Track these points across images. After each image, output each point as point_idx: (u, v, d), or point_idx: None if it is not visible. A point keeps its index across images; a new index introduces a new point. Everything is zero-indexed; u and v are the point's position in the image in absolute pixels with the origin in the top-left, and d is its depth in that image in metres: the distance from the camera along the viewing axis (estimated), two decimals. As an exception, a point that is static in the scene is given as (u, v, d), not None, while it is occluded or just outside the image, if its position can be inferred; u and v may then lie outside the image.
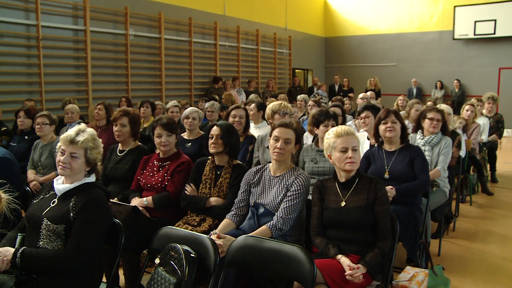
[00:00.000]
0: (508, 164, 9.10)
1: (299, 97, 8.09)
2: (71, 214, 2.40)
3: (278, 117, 4.62)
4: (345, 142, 2.79)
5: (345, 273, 2.49)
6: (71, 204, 2.43)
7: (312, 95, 9.94)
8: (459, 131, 5.50)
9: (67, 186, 2.52)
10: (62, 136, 2.56)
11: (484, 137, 6.91)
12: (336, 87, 14.38)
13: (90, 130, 2.64)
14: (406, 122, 4.60)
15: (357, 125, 5.76)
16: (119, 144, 4.12)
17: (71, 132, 2.56)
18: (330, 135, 2.87)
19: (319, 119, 4.05)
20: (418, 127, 4.59)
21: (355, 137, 2.85)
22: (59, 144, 2.58)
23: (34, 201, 2.60)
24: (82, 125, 2.65)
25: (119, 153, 4.04)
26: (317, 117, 4.09)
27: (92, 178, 2.60)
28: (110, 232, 2.57)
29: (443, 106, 5.34)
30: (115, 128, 4.02)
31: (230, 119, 4.69)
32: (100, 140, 2.68)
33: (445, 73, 14.92)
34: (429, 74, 15.15)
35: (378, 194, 2.76)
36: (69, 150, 2.51)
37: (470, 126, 6.48)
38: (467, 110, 6.52)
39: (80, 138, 2.53)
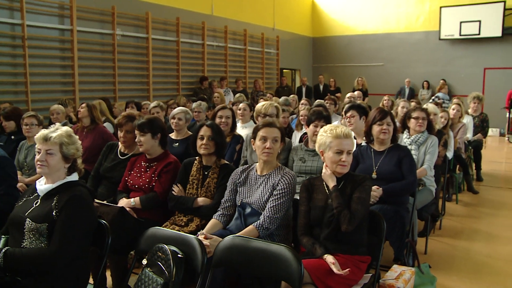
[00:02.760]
0: (493, 163, 9.22)
1: (280, 100, 8.12)
2: (54, 212, 2.40)
3: (261, 119, 4.66)
4: (342, 145, 2.80)
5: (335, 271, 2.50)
6: (53, 203, 2.44)
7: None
8: (450, 132, 5.56)
9: (49, 186, 2.52)
10: (36, 136, 2.57)
11: (469, 136, 6.98)
12: (321, 87, 14.39)
13: (65, 128, 2.65)
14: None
15: (343, 125, 5.78)
16: (119, 145, 4.05)
17: (44, 130, 2.58)
18: (327, 133, 2.87)
19: (311, 118, 4.06)
20: (404, 127, 4.63)
21: (352, 140, 2.87)
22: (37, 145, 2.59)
23: (18, 204, 2.59)
24: (57, 125, 2.67)
25: (121, 155, 3.98)
26: (309, 116, 4.12)
27: (74, 177, 2.60)
28: (97, 233, 2.56)
29: (429, 106, 5.38)
30: (120, 134, 3.93)
31: (217, 120, 4.68)
32: (77, 136, 2.67)
33: (431, 73, 15.01)
34: (416, 74, 15.23)
35: (362, 184, 2.78)
36: (44, 148, 2.52)
37: (456, 125, 6.53)
38: (454, 109, 6.57)
39: (53, 134, 2.54)
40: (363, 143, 3.97)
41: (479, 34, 14.01)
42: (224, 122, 4.66)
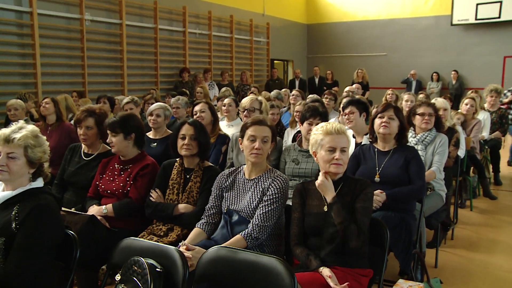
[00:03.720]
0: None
1: (271, 94, 8.12)
2: (13, 225, 2.32)
3: (248, 114, 4.67)
4: (334, 142, 2.80)
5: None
6: (13, 214, 2.35)
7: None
8: (458, 128, 5.54)
9: (8, 194, 2.44)
10: None
11: (485, 134, 6.89)
12: (316, 80, 14.47)
13: (31, 127, 2.55)
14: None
15: (341, 122, 5.79)
16: (83, 146, 4.05)
17: (5, 130, 2.47)
18: (318, 131, 2.89)
19: (305, 115, 4.07)
20: (409, 124, 4.61)
21: (346, 137, 2.87)
22: None
23: None
24: (21, 122, 2.57)
25: (85, 156, 3.98)
26: (303, 112, 4.12)
27: (39, 183, 2.53)
28: (63, 245, 2.53)
29: (438, 100, 5.37)
30: (79, 131, 3.94)
31: (195, 117, 4.69)
32: (44, 137, 2.60)
33: (442, 64, 15.01)
34: (424, 65, 15.24)
35: (363, 191, 2.78)
36: (5, 151, 2.42)
37: (470, 122, 6.47)
38: (467, 104, 6.51)
39: (17, 135, 2.44)
40: (364, 142, 3.98)
41: (499, 17, 13.84)
42: (199, 117, 4.66)
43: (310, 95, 7.39)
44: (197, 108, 4.82)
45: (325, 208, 2.78)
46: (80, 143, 4.08)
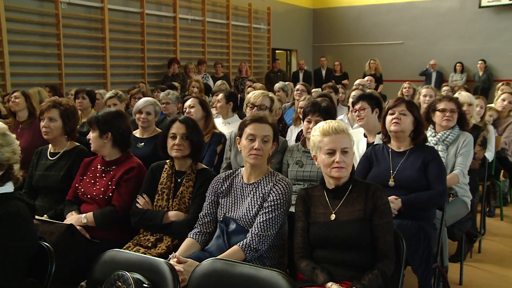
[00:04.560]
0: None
1: (276, 86, 8.12)
2: None
3: (251, 112, 4.66)
4: (333, 143, 2.79)
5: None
6: None
7: None
8: (490, 127, 5.47)
9: None
10: None
11: None
12: (323, 72, 14.47)
13: None
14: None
15: (350, 119, 5.81)
16: (49, 146, 4.08)
17: None
18: (316, 132, 2.89)
19: (305, 111, 4.07)
20: (428, 121, 4.60)
21: (347, 135, 2.85)
22: None
23: None
24: None
25: (51, 156, 4.01)
26: (304, 109, 4.12)
27: (8, 188, 2.51)
28: (36, 259, 2.53)
29: (462, 94, 5.34)
30: (41, 124, 3.97)
31: (185, 113, 4.72)
32: (14, 136, 2.58)
33: (466, 52, 14.84)
34: (446, 54, 15.11)
35: (378, 203, 2.78)
36: None
37: (504, 120, 6.34)
38: (504, 100, 6.36)
39: None
40: (377, 142, 3.98)
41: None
42: (188, 113, 4.68)
43: (315, 89, 7.37)
44: (186, 103, 4.86)
45: (332, 217, 2.79)
46: (46, 146, 4.11)
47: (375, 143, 4.14)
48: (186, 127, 3.44)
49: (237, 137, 3.14)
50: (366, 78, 10.14)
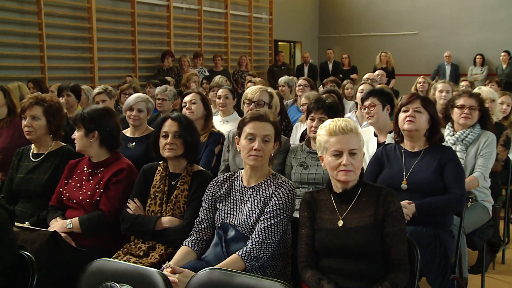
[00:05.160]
0: None
1: (281, 79, 8.11)
2: None
3: (248, 108, 4.66)
4: (340, 143, 2.79)
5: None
6: None
7: None
8: None
9: None
10: None
11: None
12: (330, 66, 14.45)
13: None
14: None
15: (359, 117, 5.80)
16: (32, 146, 4.07)
17: None
18: (322, 131, 2.89)
19: (308, 108, 4.07)
20: (447, 119, 4.58)
21: (356, 135, 2.84)
22: None
23: None
24: None
25: (34, 158, 4.00)
26: (308, 106, 4.12)
27: None
28: (16, 270, 2.53)
29: (483, 90, 5.31)
30: (23, 123, 3.96)
31: (184, 110, 4.72)
32: None
33: (488, 43, 14.69)
34: (465, 46, 14.93)
35: (390, 208, 2.78)
36: None
37: None
38: None
39: None
40: (388, 141, 3.98)
41: None
42: (188, 110, 4.69)
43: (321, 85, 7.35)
44: (187, 98, 4.82)
45: (340, 223, 2.80)
46: (28, 146, 4.10)
47: (386, 143, 4.13)
48: (178, 124, 3.44)
49: (236, 137, 3.15)
50: (376, 72, 10.10)
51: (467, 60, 14.98)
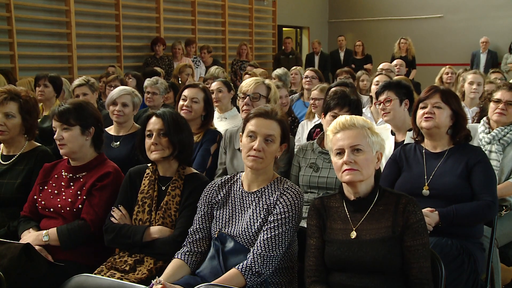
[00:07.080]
0: None
1: (275, 72, 8.08)
2: None
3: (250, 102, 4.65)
4: (341, 140, 2.81)
5: None
6: None
7: None
8: None
9: None
10: None
11: None
12: (342, 55, 14.48)
13: None
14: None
15: (374, 113, 5.80)
16: (1, 147, 4.08)
17: None
18: (328, 130, 2.92)
19: (329, 104, 4.02)
20: (482, 114, 4.54)
21: (359, 130, 2.83)
22: None
23: None
24: None
25: (3, 160, 4.01)
26: (328, 100, 4.07)
27: None
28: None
29: None
30: None
31: (180, 103, 4.70)
32: None
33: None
34: (499, 31, 14.76)
35: (411, 220, 2.77)
36: None
37: None
38: None
39: None
40: (408, 141, 3.98)
41: None
42: (187, 107, 4.66)
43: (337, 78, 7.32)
44: (187, 92, 4.74)
45: (353, 235, 2.80)
46: None
47: (405, 143, 4.11)
48: (163, 121, 3.43)
49: (240, 134, 3.16)
50: (394, 61, 9.98)
51: (502, 46, 14.75)
